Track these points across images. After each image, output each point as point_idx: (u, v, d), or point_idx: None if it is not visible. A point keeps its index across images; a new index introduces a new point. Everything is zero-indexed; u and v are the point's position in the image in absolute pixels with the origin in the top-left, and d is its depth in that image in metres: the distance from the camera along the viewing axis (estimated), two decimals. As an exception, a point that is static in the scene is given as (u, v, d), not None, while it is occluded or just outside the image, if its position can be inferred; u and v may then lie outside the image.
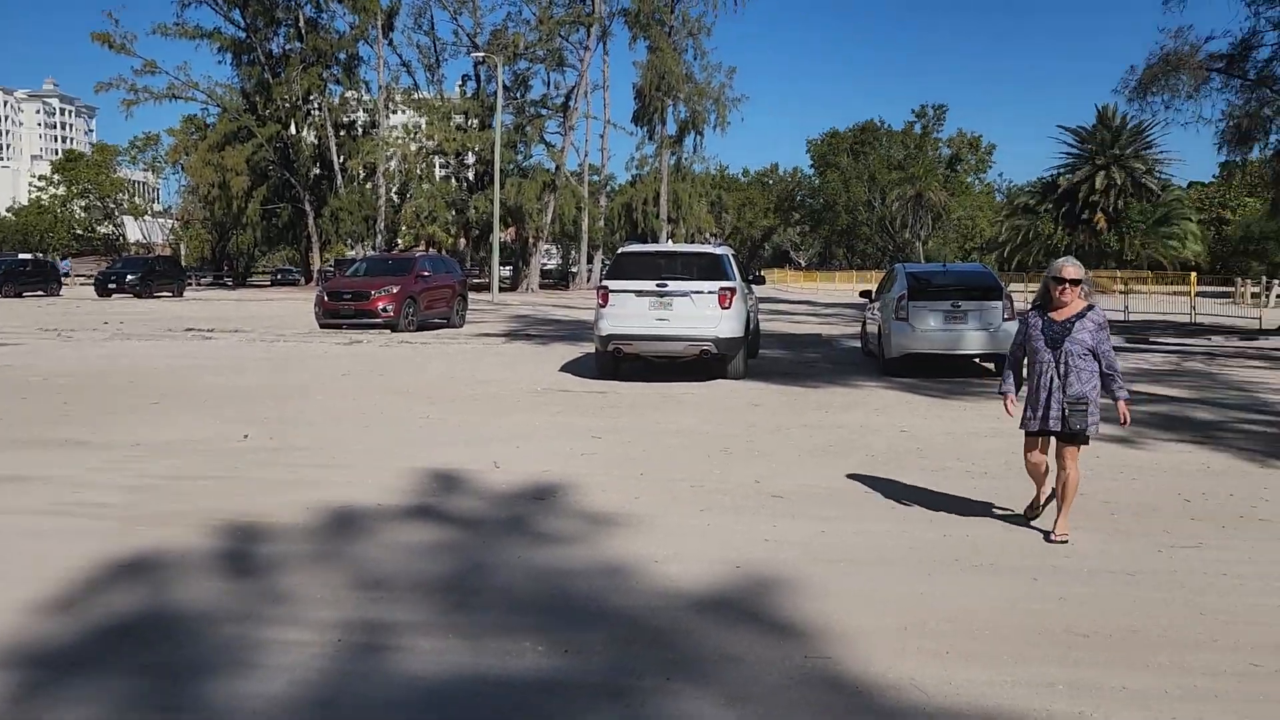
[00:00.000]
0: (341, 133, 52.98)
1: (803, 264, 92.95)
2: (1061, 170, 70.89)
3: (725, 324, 12.81)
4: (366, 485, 6.96)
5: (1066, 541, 5.63)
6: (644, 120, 54.45)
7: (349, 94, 53.57)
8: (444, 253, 49.45)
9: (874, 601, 4.70)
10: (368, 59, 53.64)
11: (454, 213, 51.04)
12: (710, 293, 12.83)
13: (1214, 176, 74.11)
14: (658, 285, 12.84)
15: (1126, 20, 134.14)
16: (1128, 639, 4.25)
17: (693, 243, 49.14)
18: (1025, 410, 5.78)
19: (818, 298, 47.15)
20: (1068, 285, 5.57)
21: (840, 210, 78.82)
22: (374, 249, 47.49)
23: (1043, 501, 5.85)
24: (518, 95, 53.59)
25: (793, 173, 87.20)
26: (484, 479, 7.21)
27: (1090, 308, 5.62)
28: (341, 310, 21.41)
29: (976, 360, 14.62)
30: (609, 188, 59.09)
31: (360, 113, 55.66)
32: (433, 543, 5.65)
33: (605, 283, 13.26)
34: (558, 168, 52.53)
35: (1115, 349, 5.87)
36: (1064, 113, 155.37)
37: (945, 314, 13.64)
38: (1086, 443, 5.67)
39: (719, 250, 13.85)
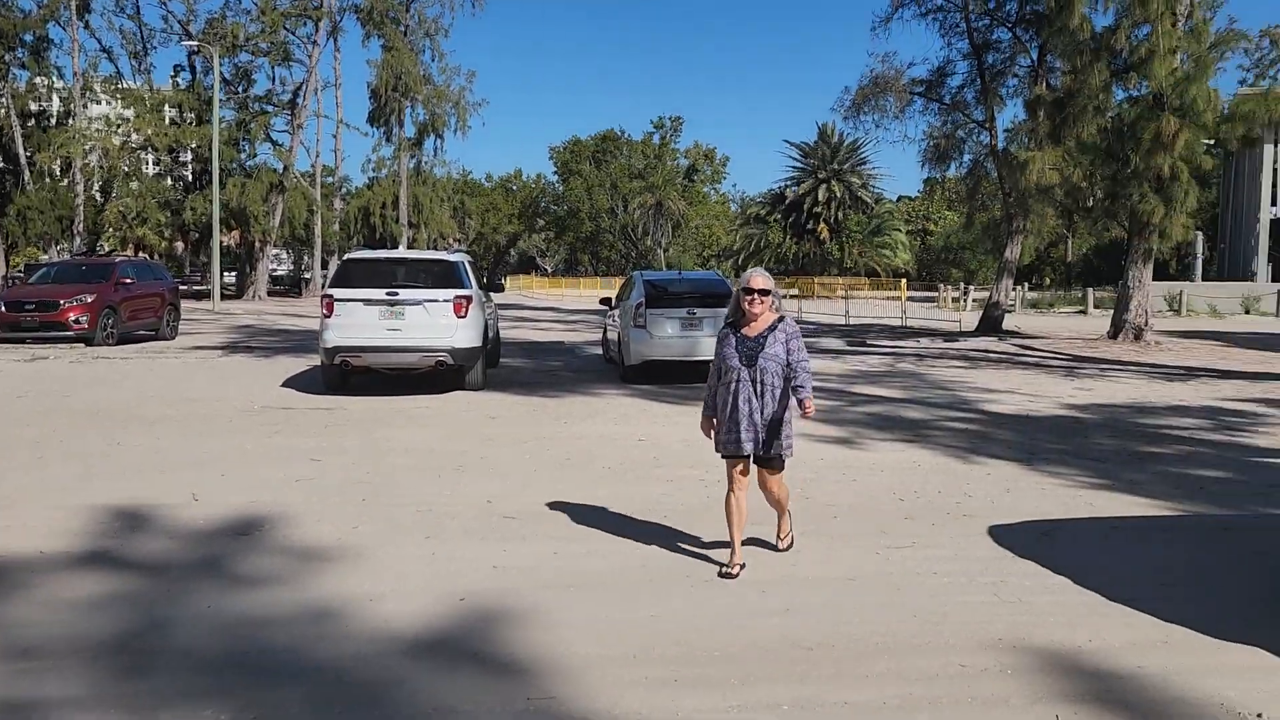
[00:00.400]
0: (29, 123, 47.21)
1: (549, 270, 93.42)
2: (788, 182, 75.64)
3: (461, 333, 12.38)
4: (28, 529, 5.97)
5: (791, 546, 5.68)
6: (380, 121, 52.48)
7: (38, 80, 47.77)
8: (157, 257, 45.41)
9: (604, 628, 4.47)
10: (60, 42, 48.15)
11: (169, 214, 46.77)
12: (445, 301, 12.36)
13: (918, 191, 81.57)
14: (388, 294, 12.20)
15: (846, 41, 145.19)
16: (849, 649, 4.25)
17: (435, 248, 47.97)
18: (721, 432, 5.38)
19: (563, 304, 47.37)
20: (757, 295, 5.26)
21: (584, 217, 79.78)
22: (71, 253, 42.66)
23: (739, 548, 5.33)
24: (240, 90, 50.00)
25: (537, 179, 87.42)
26: (178, 514, 6.38)
27: (781, 319, 5.36)
28: (23, 322, 18.88)
29: (711, 365, 14.98)
30: (345, 190, 56.42)
31: (54, 100, 49.87)
32: (105, 595, 4.86)
33: (330, 291, 12.45)
34: (286, 168, 49.51)
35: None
36: (792, 127, 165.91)
37: (682, 321, 13.87)
38: (783, 466, 5.47)
39: (453, 256, 13.37)
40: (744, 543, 5.44)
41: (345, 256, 13.62)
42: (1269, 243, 43.09)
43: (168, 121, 47.74)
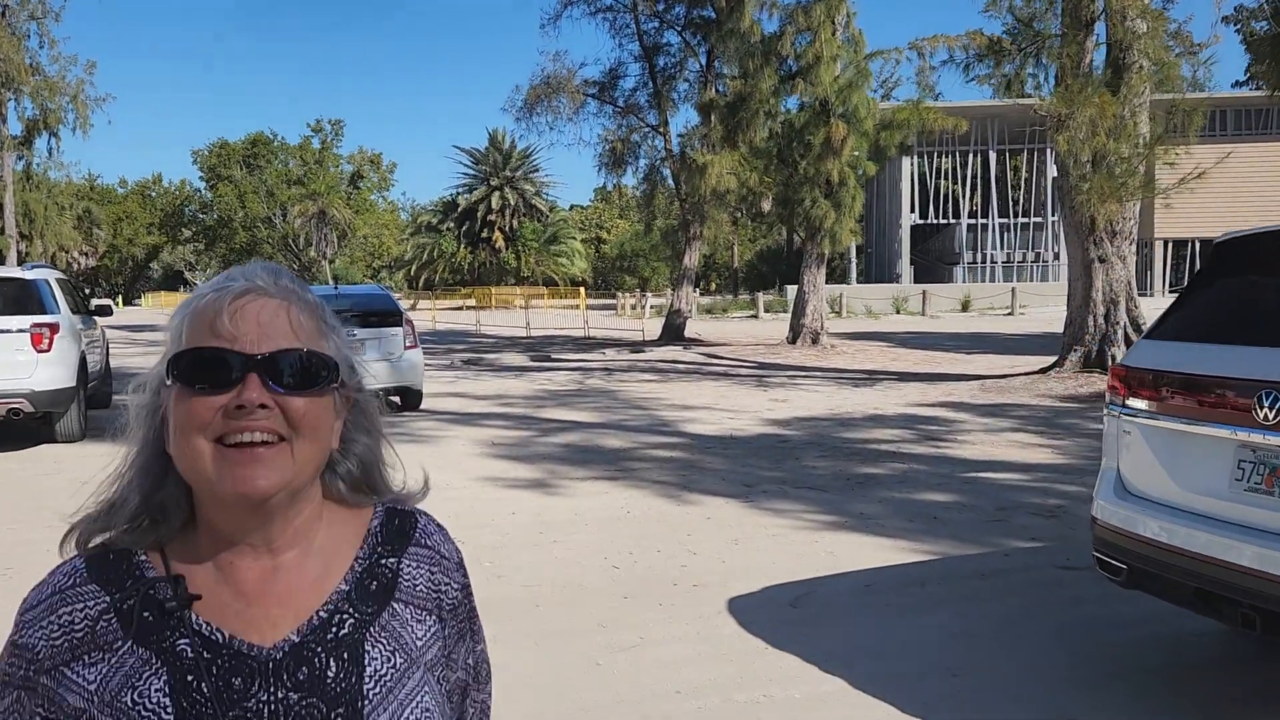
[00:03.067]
0: None
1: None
2: (460, 190, 73.67)
3: (45, 371, 9.63)
4: None
5: None
6: (-25, 115, 44.53)
7: None
8: None
9: None
10: None
11: None
12: (19, 331, 9.58)
13: (591, 200, 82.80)
14: (-71, 324, 9.20)
15: (516, 40, 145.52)
16: None
17: (52, 263, 41.31)
18: None
19: (214, 323, 42.41)
20: (255, 403, 0.95)
21: (238, 227, 73.12)
22: None
23: None
24: None
25: (180, 185, 79.04)
26: None
27: (413, 521, 1.14)
28: None
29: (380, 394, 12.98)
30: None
31: None
32: None
33: None
34: None
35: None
36: (462, 133, 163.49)
37: (340, 344, 11.76)
38: None
39: (31, 275, 10.45)
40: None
41: None
42: (910, 246, 47.37)
43: None
